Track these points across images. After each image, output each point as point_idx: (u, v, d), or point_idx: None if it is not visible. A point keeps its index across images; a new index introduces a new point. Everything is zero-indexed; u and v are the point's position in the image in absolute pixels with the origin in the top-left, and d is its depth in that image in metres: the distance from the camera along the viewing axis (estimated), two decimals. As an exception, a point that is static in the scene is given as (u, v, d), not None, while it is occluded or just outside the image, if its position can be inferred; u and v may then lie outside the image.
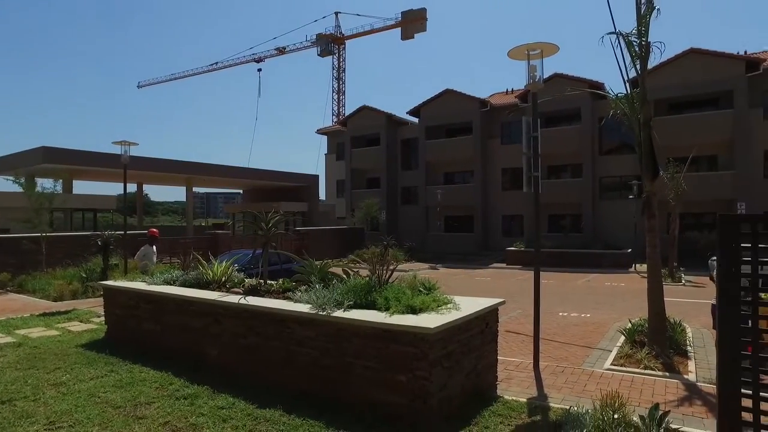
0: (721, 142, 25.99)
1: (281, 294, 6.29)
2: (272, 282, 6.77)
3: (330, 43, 67.81)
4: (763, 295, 3.97)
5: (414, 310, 4.97)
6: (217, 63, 73.07)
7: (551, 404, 5.35)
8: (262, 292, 6.42)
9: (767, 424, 3.15)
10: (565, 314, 11.61)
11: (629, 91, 7.97)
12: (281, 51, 69.46)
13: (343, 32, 68.67)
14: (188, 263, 8.21)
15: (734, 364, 3.16)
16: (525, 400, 5.44)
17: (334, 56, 69.95)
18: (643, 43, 7.58)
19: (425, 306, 5.07)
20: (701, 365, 6.93)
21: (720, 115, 25.92)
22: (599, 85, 26.74)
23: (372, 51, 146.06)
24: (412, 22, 60.44)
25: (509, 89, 36.71)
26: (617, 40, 7.77)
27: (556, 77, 28.44)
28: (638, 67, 7.70)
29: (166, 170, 29.84)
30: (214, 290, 6.85)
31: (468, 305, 5.37)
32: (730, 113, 25.44)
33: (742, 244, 3.11)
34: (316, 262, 6.72)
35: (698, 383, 6.18)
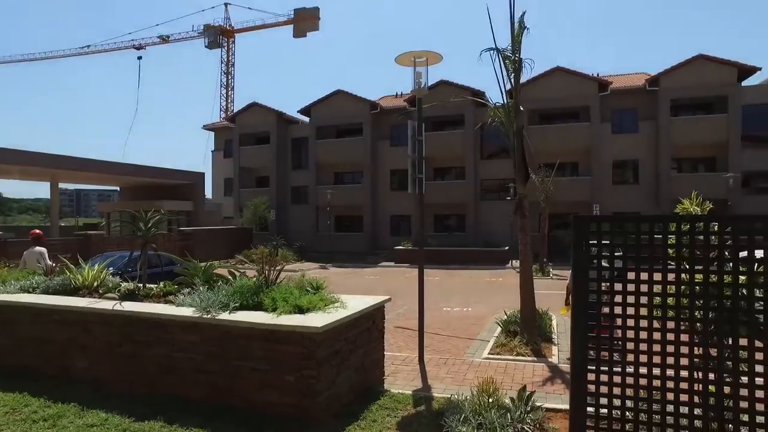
0: (581, 151, 29.23)
1: (162, 298, 5.93)
2: (152, 285, 6.35)
3: (218, 36, 64.84)
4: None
5: (301, 310, 4.97)
6: (89, 46, 66.43)
7: (434, 394, 5.66)
8: (140, 297, 6.00)
9: (605, 393, 3.65)
10: (449, 309, 12.30)
11: (506, 101, 8.69)
12: (165, 39, 65.06)
13: (232, 25, 66.05)
14: (52, 268, 7.39)
15: (582, 345, 3.62)
16: (410, 392, 5.69)
17: (223, 49, 66.99)
18: (516, 58, 8.32)
19: (313, 305, 5.09)
20: (563, 349, 7.75)
21: (579, 127, 29.23)
22: (481, 94, 28.67)
23: (263, 47, 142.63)
24: (304, 20, 59.90)
25: (399, 93, 37.87)
26: (496, 55, 8.46)
27: (442, 84, 29.98)
28: (512, 79, 8.42)
29: (24, 163, 26.32)
30: (84, 296, 6.25)
31: (355, 303, 5.49)
32: (586, 126, 28.79)
33: (591, 241, 3.57)
34: (201, 264, 6.44)
35: (560, 365, 6.93)
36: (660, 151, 27.91)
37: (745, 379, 3.50)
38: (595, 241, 3.59)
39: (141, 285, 6.32)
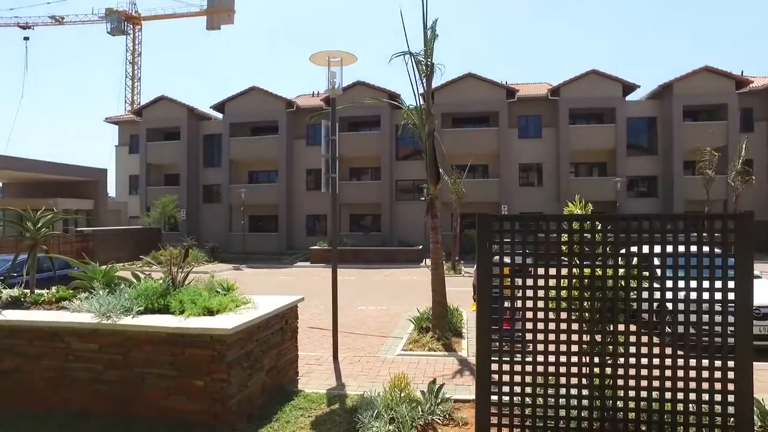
0: (490, 154, 30.79)
1: (55, 304, 5.46)
2: (42, 291, 5.83)
3: (123, 22, 60.32)
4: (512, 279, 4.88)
5: (211, 312, 4.83)
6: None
7: (348, 392, 5.73)
8: (27, 304, 5.48)
9: (507, 381, 3.92)
10: (365, 308, 12.43)
11: (418, 104, 8.97)
12: (58, 21, 59.41)
13: (139, 11, 61.77)
14: None
15: (486, 338, 3.85)
16: (324, 391, 5.72)
17: (128, 37, 62.47)
18: (429, 63, 8.61)
19: (223, 307, 4.96)
20: (472, 343, 8.12)
21: (489, 131, 30.79)
22: (397, 96, 29.24)
23: (174, 38, 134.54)
24: (218, 13, 57.54)
25: (316, 92, 37.58)
26: (410, 59, 8.69)
27: (359, 85, 30.21)
28: (424, 83, 8.71)
29: None
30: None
31: (268, 304, 5.42)
32: (495, 130, 30.40)
33: (494, 239, 3.82)
34: (102, 267, 6.01)
35: (469, 358, 7.28)
36: (561, 155, 30.13)
37: (630, 361, 3.92)
38: (497, 239, 3.84)
39: (28, 291, 5.78)
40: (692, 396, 3.89)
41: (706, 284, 3.88)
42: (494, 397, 3.99)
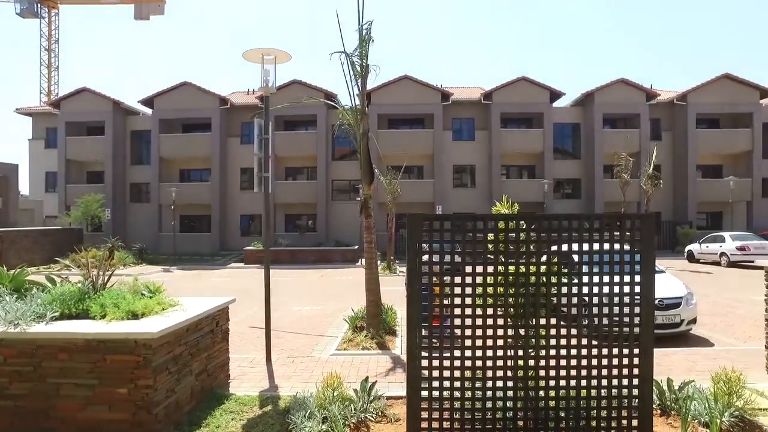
0: (425, 156, 31.43)
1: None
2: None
3: (36, 4, 55.79)
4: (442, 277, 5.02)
5: (136, 316, 4.62)
6: None
7: (281, 393, 5.67)
8: None
9: (437, 376, 4.04)
10: (300, 308, 12.32)
11: (354, 105, 9.01)
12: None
13: (55, -7, 57.34)
14: None
15: (416, 335, 3.96)
16: (257, 393, 5.63)
17: (43, 20, 57.85)
18: (364, 64, 8.68)
19: (149, 310, 4.76)
20: (405, 340, 8.30)
21: (424, 133, 31.44)
22: (333, 96, 29.18)
23: (98, 27, 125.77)
24: (147, 2, 54.62)
25: (251, 89, 36.72)
26: (346, 59, 8.72)
27: (296, 84, 29.88)
28: (360, 84, 8.77)
29: None
30: None
31: (197, 306, 5.26)
32: (430, 132, 31.08)
33: (425, 239, 3.93)
34: (10, 271, 5.58)
35: (402, 355, 7.40)
36: (493, 158, 31.27)
37: (551, 352, 4.16)
38: (426, 238, 3.96)
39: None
40: (604, 382, 4.20)
41: (617, 279, 4.20)
42: (425, 393, 4.11)
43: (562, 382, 4.17)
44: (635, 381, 4.17)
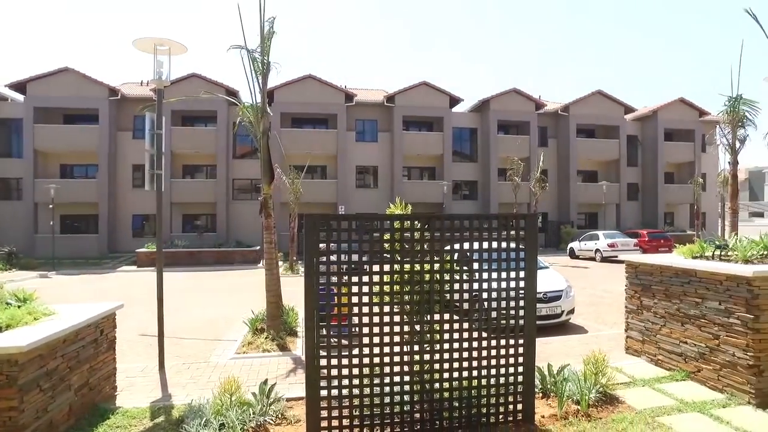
0: (329, 156, 31.41)
1: None
2: None
3: None
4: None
5: None
6: None
7: (175, 402, 5.39)
8: None
9: (336, 375, 4.10)
10: (198, 312, 11.76)
11: (255, 102, 8.78)
12: None
13: None
14: None
15: (313, 334, 3.98)
16: (148, 404, 5.31)
17: None
18: (265, 60, 8.50)
19: (16, 321, 4.29)
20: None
21: (328, 133, 31.42)
22: (235, 92, 28.16)
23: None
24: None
25: (145, 81, 34.26)
26: (247, 55, 8.48)
27: (194, 77, 28.43)
28: (260, 81, 8.57)
29: None
30: None
31: (78, 313, 4.84)
32: (334, 133, 31.12)
33: (322, 238, 3.96)
34: None
35: (303, 356, 7.35)
36: (395, 159, 32.02)
37: (444, 346, 4.38)
38: (324, 238, 4.00)
39: None
40: (493, 371, 4.52)
41: (505, 275, 4.54)
42: (324, 392, 4.14)
43: (455, 374, 4.42)
44: (520, 369, 4.54)
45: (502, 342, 4.52)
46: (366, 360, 4.22)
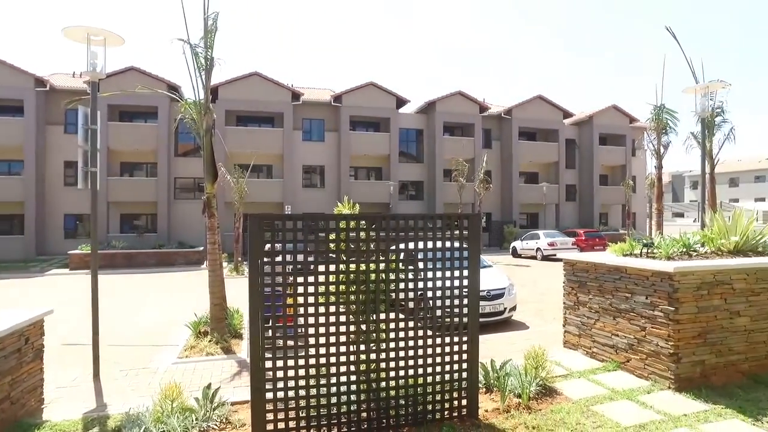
0: (275, 155, 30.92)
1: None
2: None
3: None
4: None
5: None
6: None
7: (111, 412, 5.15)
8: None
9: (282, 377, 4.06)
10: (137, 316, 11.27)
11: (197, 99, 8.53)
12: None
13: None
14: None
15: (258, 336, 3.92)
16: (80, 416, 5.04)
17: None
18: (209, 56, 8.27)
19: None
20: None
21: (274, 132, 30.90)
22: (177, 88, 27.13)
23: None
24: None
25: (78, 72, 32.34)
26: (190, 50, 8.22)
27: (133, 71, 27.17)
28: (203, 77, 8.34)
29: None
30: None
31: (-2, 321, 4.52)
32: (280, 131, 30.66)
33: (267, 239, 3.91)
34: None
35: (248, 359, 7.22)
36: (342, 159, 31.94)
37: (391, 345, 4.42)
38: (269, 238, 3.95)
39: None
40: (438, 368, 4.62)
41: (449, 274, 4.65)
42: (270, 395, 4.09)
43: (402, 372, 4.48)
44: (464, 365, 4.67)
45: (447, 339, 4.63)
46: (312, 361, 4.20)
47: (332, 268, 4.27)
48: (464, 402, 4.69)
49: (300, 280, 4.21)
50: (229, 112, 29.65)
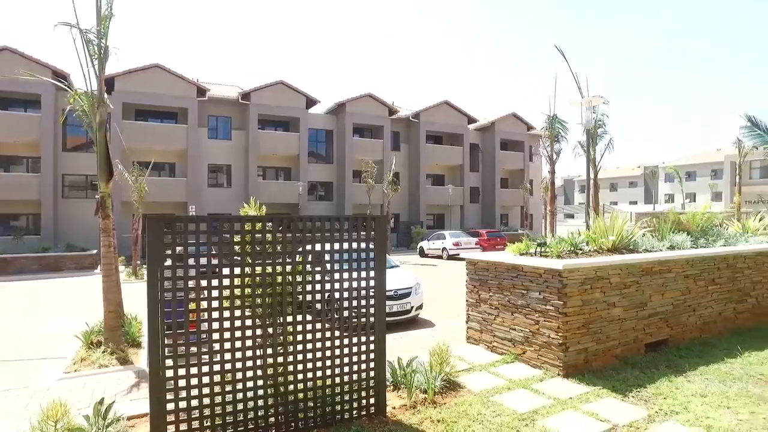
0: (178, 152, 29.31)
1: None
2: None
3: None
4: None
5: None
6: None
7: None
8: None
9: (184, 386, 3.90)
10: (18, 328, 10.15)
11: (90, 89, 7.87)
12: None
13: None
14: None
15: (158, 345, 3.74)
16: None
17: None
18: (103, 44, 7.68)
19: None
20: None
21: (177, 128, 29.28)
22: (65, 75, 24.71)
23: None
24: None
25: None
26: (80, 36, 7.57)
27: (7, 51, 24.38)
28: (96, 66, 7.73)
29: None
30: None
31: None
32: (184, 128, 29.10)
33: (168, 241, 3.73)
34: None
35: (147, 368, 6.81)
36: (249, 158, 31.03)
37: (299, 347, 4.40)
38: (170, 241, 3.78)
39: None
40: (347, 369, 4.68)
41: (357, 275, 4.72)
42: (171, 405, 3.90)
43: (310, 374, 4.48)
44: (372, 364, 4.77)
45: (355, 340, 4.70)
46: (217, 367, 4.08)
47: (238, 271, 4.17)
48: (372, 401, 4.79)
49: (204, 284, 4.06)
50: (127, 105, 27.59)
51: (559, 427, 4.52)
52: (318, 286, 4.55)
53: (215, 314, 4.06)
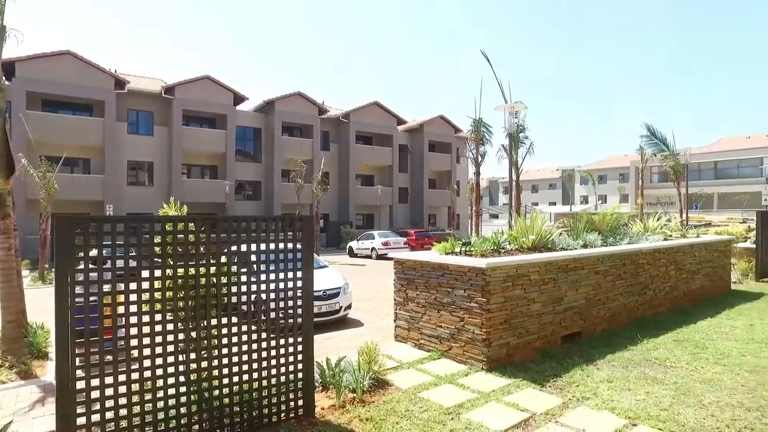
0: (94, 147, 27.38)
1: None
2: None
3: None
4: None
5: None
6: None
7: None
8: None
9: (98, 398, 3.66)
10: None
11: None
12: None
13: None
14: None
15: (67, 355, 3.49)
16: None
17: None
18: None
19: None
20: (61, 363, 7.08)
21: (93, 121, 27.29)
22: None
23: None
24: None
25: None
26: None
27: None
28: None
29: None
30: None
31: None
32: (101, 121, 27.21)
33: (78, 243, 3.49)
34: None
35: (55, 382, 6.31)
36: (173, 155, 29.60)
37: (224, 351, 4.27)
38: (81, 243, 3.55)
39: None
40: (274, 371, 4.60)
41: (284, 275, 4.66)
42: (82, 420, 3.64)
43: (236, 378, 4.37)
44: (300, 365, 4.72)
45: (282, 341, 4.64)
46: (135, 375, 3.87)
47: (159, 273, 3.98)
48: (301, 402, 4.74)
49: (121, 287, 3.84)
50: (32, 93, 25.35)
51: (482, 419, 4.71)
52: (244, 288, 4.44)
53: (133, 319, 3.85)
